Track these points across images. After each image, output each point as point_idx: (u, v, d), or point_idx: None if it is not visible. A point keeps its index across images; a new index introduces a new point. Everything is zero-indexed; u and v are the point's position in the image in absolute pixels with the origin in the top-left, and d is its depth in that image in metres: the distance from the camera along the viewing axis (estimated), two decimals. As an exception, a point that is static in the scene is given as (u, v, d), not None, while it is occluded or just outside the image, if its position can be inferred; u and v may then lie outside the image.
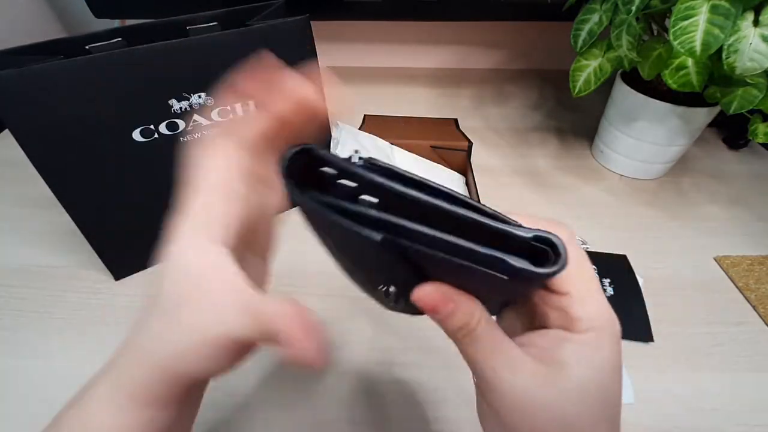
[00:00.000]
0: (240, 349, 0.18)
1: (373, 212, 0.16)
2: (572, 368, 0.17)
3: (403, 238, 0.16)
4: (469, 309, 0.18)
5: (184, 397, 0.19)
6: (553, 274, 0.15)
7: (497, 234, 0.16)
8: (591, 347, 0.18)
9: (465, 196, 0.17)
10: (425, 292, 0.18)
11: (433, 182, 0.17)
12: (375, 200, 0.16)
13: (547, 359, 0.18)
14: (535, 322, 0.20)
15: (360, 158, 0.18)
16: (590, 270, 0.19)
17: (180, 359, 0.17)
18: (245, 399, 0.35)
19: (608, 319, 0.18)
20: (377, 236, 0.16)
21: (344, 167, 0.17)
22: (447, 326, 0.19)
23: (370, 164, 0.17)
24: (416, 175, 0.17)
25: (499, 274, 0.15)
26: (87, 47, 0.35)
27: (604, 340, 0.18)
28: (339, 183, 0.17)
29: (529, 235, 0.16)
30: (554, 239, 0.16)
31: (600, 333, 0.18)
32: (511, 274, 0.15)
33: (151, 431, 0.18)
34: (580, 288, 0.18)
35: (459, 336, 0.19)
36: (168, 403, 0.18)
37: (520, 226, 0.16)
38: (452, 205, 0.16)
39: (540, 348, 0.19)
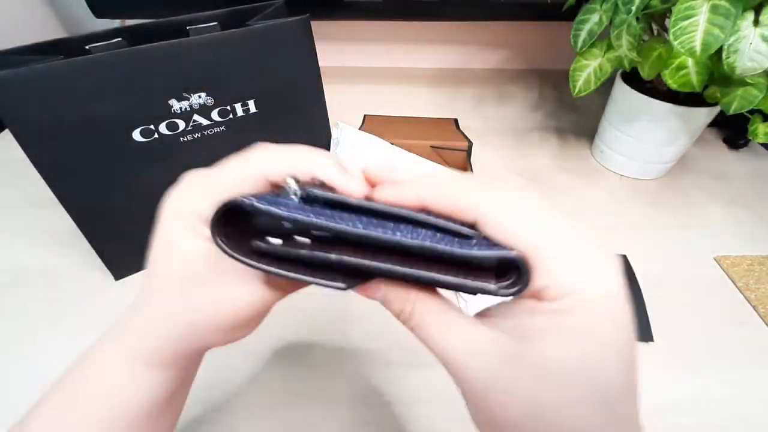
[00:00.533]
0: (259, 316, 0.20)
1: (331, 257, 0.16)
2: (538, 343, 0.14)
3: (365, 276, 0.17)
4: (399, 294, 0.17)
5: (195, 360, 0.21)
6: (515, 293, 0.15)
7: (460, 261, 0.15)
8: (560, 316, 0.14)
9: (419, 215, 0.16)
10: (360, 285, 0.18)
11: (381, 206, 0.16)
12: (325, 235, 0.17)
13: (513, 333, 0.15)
14: None
15: (297, 192, 0.17)
16: (552, 223, 0.15)
17: (203, 330, 0.18)
18: (245, 399, 0.35)
19: (592, 282, 0.14)
20: (341, 285, 0.17)
21: (276, 216, 0.16)
22: (390, 311, 0.18)
23: (307, 198, 0.17)
24: (358, 201, 0.17)
25: (462, 292, 0.16)
26: (87, 47, 0.35)
27: (585, 309, 0.14)
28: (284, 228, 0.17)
29: (492, 258, 0.15)
30: (519, 261, 0.14)
31: (576, 297, 0.14)
32: (472, 293, 0.16)
33: (161, 391, 0.19)
34: (537, 251, 0.14)
35: (402, 321, 0.18)
36: (180, 366, 0.20)
37: (480, 240, 0.15)
38: (403, 236, 0.15)
39: (507, 320, 0.16)
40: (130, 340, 0.19)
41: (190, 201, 0.18)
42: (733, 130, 0.65)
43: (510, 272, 0.15)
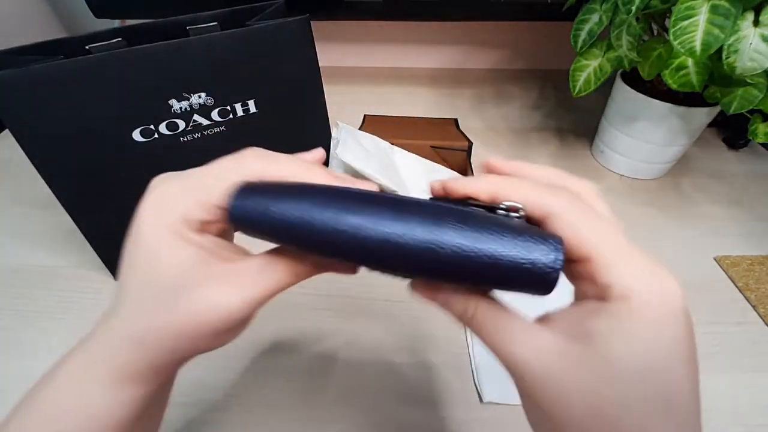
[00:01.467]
0: (243, 322, 0.18)
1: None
2: (603, 342, 0.14)
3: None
4: (460, 296, 0.18)
5: (172, 372, 0.19)
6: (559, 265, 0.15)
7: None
8: (628, 316, 0.14)
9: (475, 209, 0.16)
10: (417, 284, 0.18)
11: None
12: None
13: (576, 334, 0.15)
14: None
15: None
16: (614, 230, 0.16)
17: (175, 341, 0.17)
18: (245, 399, 0.35)
19: (656, 281, 0.15)
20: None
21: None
22: (449, 313, 0.18)
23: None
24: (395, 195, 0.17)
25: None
26: (87, 47, 0.35)
27: (650, 307, 0.14)
28: None
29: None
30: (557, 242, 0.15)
31: (642, 298, 0.14)
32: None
33: (132, 409, 0.18)
34: (603, 249, 0.15)
35: (465, 322, 0.18)
36: (156, 379, 0.18)
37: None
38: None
39: (570, 323, 0.16)
40: (102, 354, 0.17)
41: (174, 203, 0.17)
42: (733, 130, 0.65)
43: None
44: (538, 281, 0.15)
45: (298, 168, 0.18)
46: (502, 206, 0.17)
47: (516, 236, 0.15)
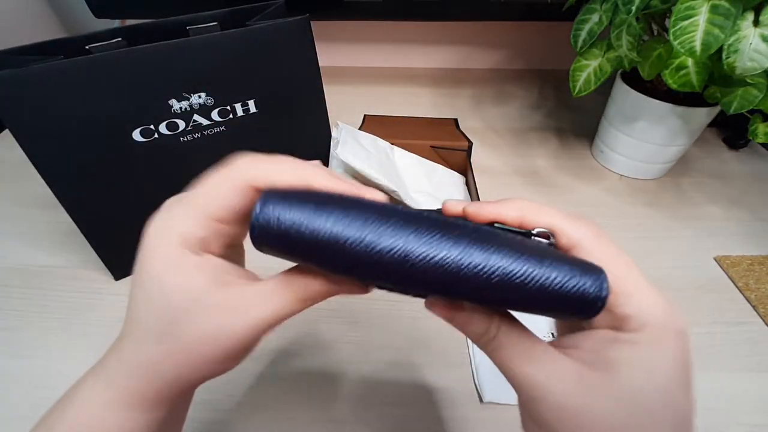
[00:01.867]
0: (250, 346, 0.18)
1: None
2: (624, 371, 0.15)
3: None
4: (483, 316, 0.17)
5: (187, 395, 0.19)
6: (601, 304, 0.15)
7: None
8: (647, 346, 0.15)
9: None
10: (437, 302, 0.18)
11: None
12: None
13: (594, 363, 0.16)
14: (576, 324, 0.19)
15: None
16: (633, 265, 0.17)
17: (181, 369, 0.17)
18: (245, 399, 0.35)
19: (667, 313, 0.16)
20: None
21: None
22: (467, 334, 0.18)
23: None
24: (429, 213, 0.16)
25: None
26: (87, 47, 0.35)
27: (664, 338, 0.16)
28: None
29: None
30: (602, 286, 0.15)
31: (657, 330, 0.16)
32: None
33: (152, 431, 0.18)
34: (624, 283, 0.16)
35: (482, 344, 0.18)
36: (170, 404, 0.18)
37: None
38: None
39: (586, 351, 0.17)
40: (114, 380, 0.17)
41: (174, 225, 0.17)
42: (733, 130, 0.65)
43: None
44: (587, 308, 0.15)
45: (300, 168, 0.18)
46: (533, 232, 0.17)
47: (561, 263, 0.15)
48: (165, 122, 0.38)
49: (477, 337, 0.18)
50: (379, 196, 0.18)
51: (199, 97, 0.39)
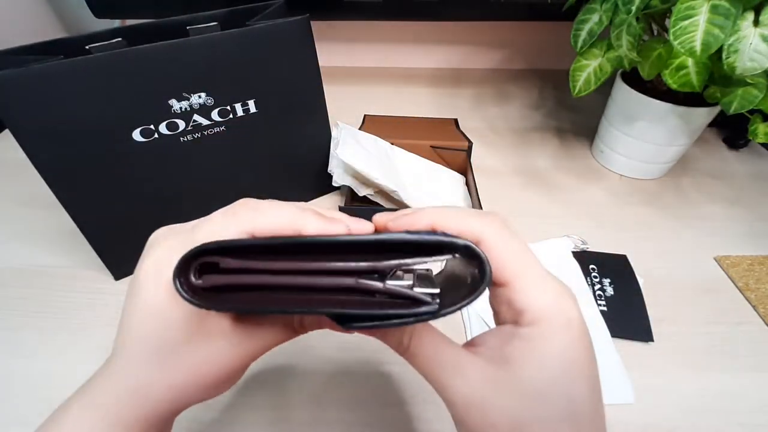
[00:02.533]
0: (241, 371, 0.19)
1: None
2: (519, 366, 0.16)
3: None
4: (397, 329, 0.18)
5: (170, 420, 0.20)
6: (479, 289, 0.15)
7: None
8: (538, 341, 0.16)
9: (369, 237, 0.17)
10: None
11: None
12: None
13: (496, 359, 0.17)
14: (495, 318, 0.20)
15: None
16: (532, 257, 0.18)
17: (172, 395, 0.18)
18: (243, 399, 0.35)
19: (559, 307, 0.17)
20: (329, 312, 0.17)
21: (238, 245, 0.17)
22: (388, 344, 0.19)
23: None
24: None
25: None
26: (87, 47, 0.35)
27: (555, 331, 0.16)
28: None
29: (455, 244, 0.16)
30: (473, 249, 0.16)
31: (548, 323, 0.16)
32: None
33: None
34: (521, 277, 0.17)
35: (401, 354, 0.19)
36: (151, 429, 0.18)
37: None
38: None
39: (491, 348, 0.18)
40: (103, 402, 0.18)
41: (173, 258, 0.16)
42: (733, 130, 0.65)
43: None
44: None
45: (296, 217, 0.18)
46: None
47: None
48: (165, 122, 0.38)
49: (395, 347, 0.19)
50: (366, 228, 0.19)
51: (199, 97, 0.39)
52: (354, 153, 0.48)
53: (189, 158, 0.41)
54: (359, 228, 0.19)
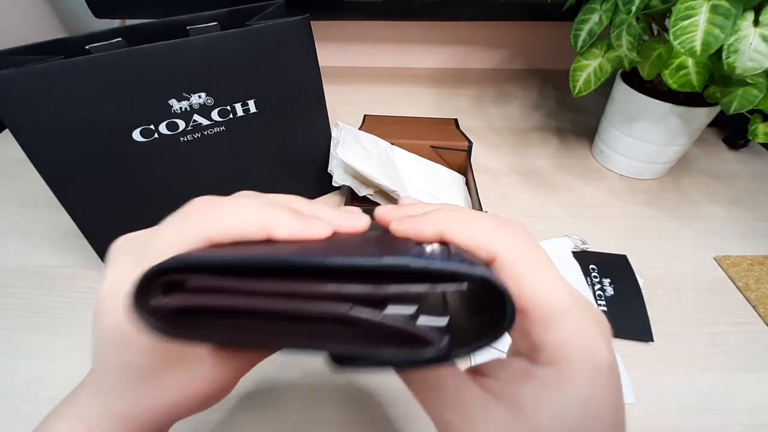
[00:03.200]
0: (226, 388, 0.18)
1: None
2: (530, 413, 0.14)
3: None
4: None
5: (167, 427, 0.19)
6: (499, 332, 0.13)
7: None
8: (554, 386, 0.14)
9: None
10: None
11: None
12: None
13: (504, 396, 0.15)
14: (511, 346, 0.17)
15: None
16: (556, 280, 0.15)
17: (160, 413, 0.17)
18: (241, 399, 0.35)
19: (586, 346, 0.14)
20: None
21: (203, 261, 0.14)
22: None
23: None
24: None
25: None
26: (87, 47, 0.35)
27: (577, 376, 0.14)
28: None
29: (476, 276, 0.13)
30: (502, 288, 0.13)
31: (570, 366, 0.14)
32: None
33: None
34: (540, 305, 0.14)
35: (401, 378, 0.17)
36: None
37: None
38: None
39: (500, 381, 0.15)
40: (92, 422, 0.17)
41: (129, 279, 0.14)
42: (733, 130, 0.65)
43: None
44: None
45: (255, 217, 0.15)
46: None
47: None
48: (165, 122, 0.38)
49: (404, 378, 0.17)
50: (357, 224, 0.17)
51: (199, 97, 0.39)
52: (354, 153, 0.48)
53: (189, 158, 0.41)
54: (348, 225, 0.16)
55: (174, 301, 0.14)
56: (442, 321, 0.13)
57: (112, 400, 0.17)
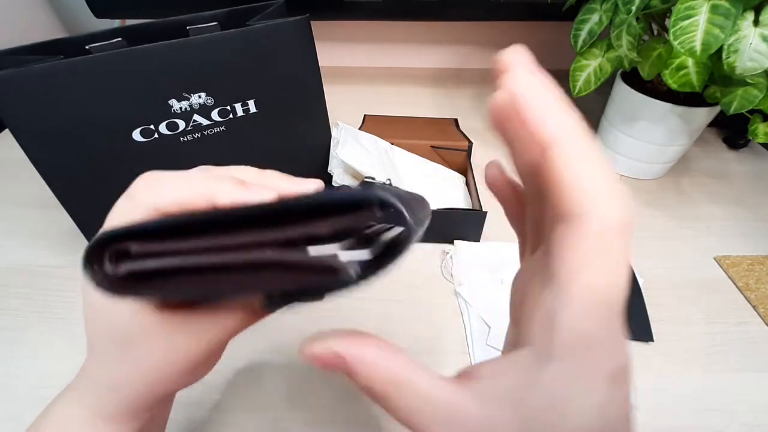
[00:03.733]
0: (216, 354, 0.19)
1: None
2: (539, 414, 0.12)
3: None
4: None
5: (164, 402, 0.20)
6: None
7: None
8: (564, 392, 0.12)
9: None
10: (312, 351, 0.16)
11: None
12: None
13: (505, 401, 0.13)
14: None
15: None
16: (610, 176, 0.13)
17: (144, 386, 0.17)
18: (239, 399, 0.35)
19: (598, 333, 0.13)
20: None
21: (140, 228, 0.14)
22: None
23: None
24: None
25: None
26: (87, 47, 0.35)
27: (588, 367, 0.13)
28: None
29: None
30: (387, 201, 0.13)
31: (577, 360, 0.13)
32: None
33: None
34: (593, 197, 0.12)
35: (365, 393, 0.15)
36: (138, 417, 0.18)
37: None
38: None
39: (507, 388, 0.13)
40: (89, 401, 0.18)
41: None
42: (733, 130, 0.65)
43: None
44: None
45: (196, 187, 0.16)
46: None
47: None
48: (165, 122, 0.38)
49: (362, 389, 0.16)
50: (305, 188, 0.17)
51: (199, 97, 0.39)
52: (354, 153, 0.48)
53: (189, 158, 0.41)
54: (294, 190, 0.17)
55: (122, 268, 0.15)
56: (363, 254, 0.13)
57: (103, 377, 0.18)
